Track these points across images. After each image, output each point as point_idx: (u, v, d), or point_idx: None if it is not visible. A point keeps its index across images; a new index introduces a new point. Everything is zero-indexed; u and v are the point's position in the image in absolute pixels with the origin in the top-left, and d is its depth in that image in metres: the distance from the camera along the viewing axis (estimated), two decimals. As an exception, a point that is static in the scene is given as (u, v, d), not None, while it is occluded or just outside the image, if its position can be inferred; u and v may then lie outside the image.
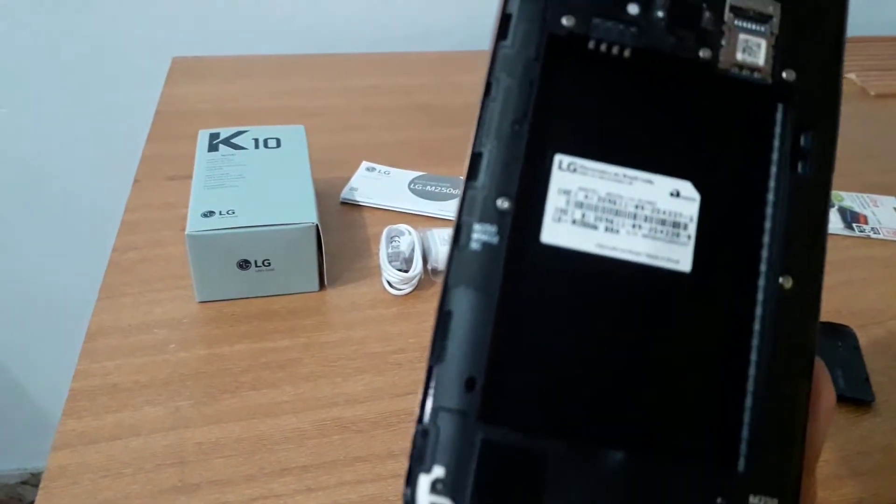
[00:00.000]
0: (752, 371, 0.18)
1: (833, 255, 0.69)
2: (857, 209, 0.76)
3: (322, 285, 0.60)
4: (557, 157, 0.18)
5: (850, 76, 1.08)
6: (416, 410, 0.17)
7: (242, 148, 0.64)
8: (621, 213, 0.18)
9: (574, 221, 0.18)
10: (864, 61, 1.12)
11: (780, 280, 0.19)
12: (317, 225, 0.56)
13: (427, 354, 0.17)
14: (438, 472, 0.16)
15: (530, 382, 0.17)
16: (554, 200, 0.18)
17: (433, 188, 0.73)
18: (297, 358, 0.54)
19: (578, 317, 0.18)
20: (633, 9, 0.19)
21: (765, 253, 0.19)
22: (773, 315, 0.18)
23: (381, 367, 0.54)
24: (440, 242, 0.63)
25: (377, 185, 0.74)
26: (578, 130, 0.19)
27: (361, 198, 0.72)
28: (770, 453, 0.18)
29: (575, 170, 0.18)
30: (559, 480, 0.16)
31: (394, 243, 0.63)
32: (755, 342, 0.18)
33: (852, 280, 0.67)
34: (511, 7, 0.19)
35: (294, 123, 0.82)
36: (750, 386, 0.18)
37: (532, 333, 0.17)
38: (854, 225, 0.74)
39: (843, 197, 0.78)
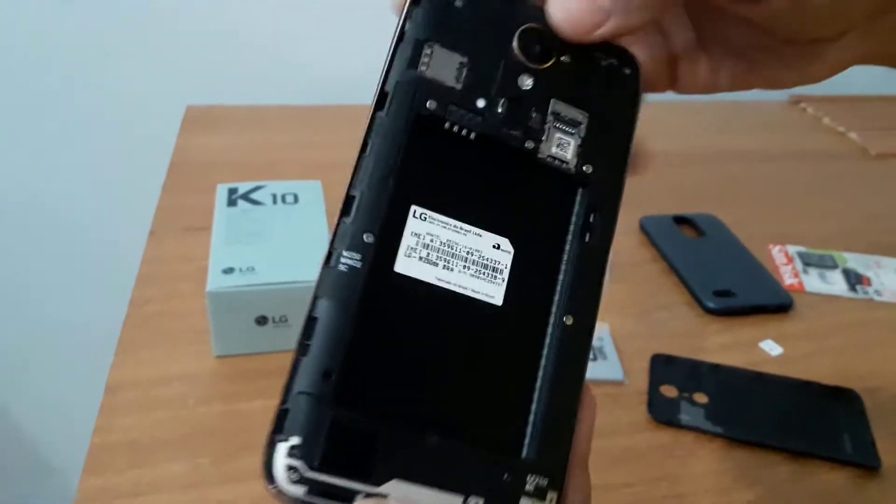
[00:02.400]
0: (538, 384, 0.23)
1: (837, 318, 0.71)
2: (860, 271, 0.78)
3: (337, 341, 0.61)
4: (413, 207, 0.23)
5: (851, 135, 1.11)
6: (281, 395, 0.21)
7: (261, 203, 0.66)
8: (456, 256, 0.24)
9: (420, 258, 0.23)
10: (864, 121, 1.14)
11: (565, 318, 0.24)
12: (334, 283, 0.58)
13: (294, 349, 0.21)
14: (295, 440, 0.20)
15: (374, 378, 0.22)
16: (407, 240, 0.23)
17: (445, 243, 0.74)
18: (313, 415, 0.54)
19: (417, 330, 0.23)
20: (480, 103, 0.24)
21: (556, 298, 0.24)
22: (558, 343, 0.24)
23: (396, 426, 0.54)
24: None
25: (390, 240, 0.75)
26: (431, 189, 0.24)
27: (374, 252, 0.73)
28: (545, 446, 0.23)
29: (425, 219, 0.23)
30: (389, 453, 0.21)
31: (407, 299, 0.64)
32: (543, 362, 0.24)
33: (857, 344, 0.68)
34: (389, 86, 0.24)
35: (309, 175, 0.83)
36: (536, 395, 0.23)
37: (379, 340, 0.22)
38: (858, 287, 0.75)
39: (847, 258, 0.80)
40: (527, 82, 0.25)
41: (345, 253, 0.22)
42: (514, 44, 0.25)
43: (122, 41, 1.00)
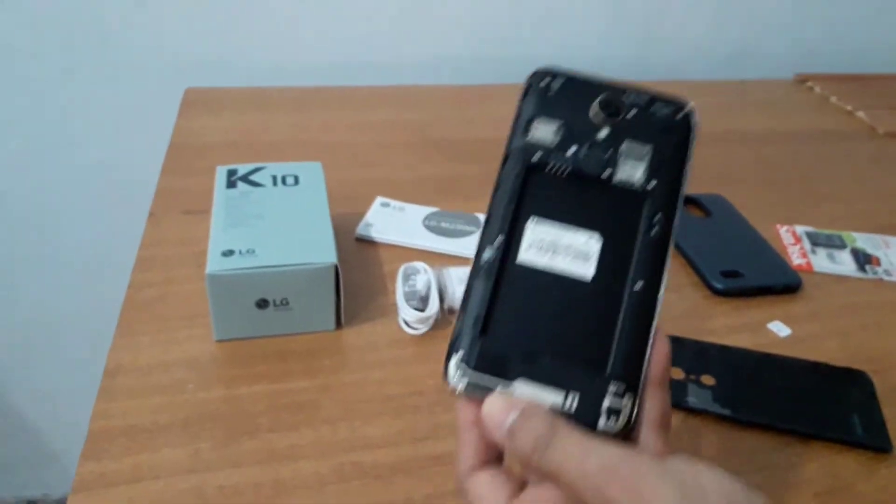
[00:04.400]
0: (618, 328, 0.33)
1: (846, 299, 0.70)
2: (869, 251, 0.77)
3: (339, 324, 0.61)
4: (529, 220, 0.35)
5: (859, 114, 1.09)
6: (452, 330, 0.34)
7: (261, 185, 0.65)
8: (559, 248, 0.35)
9: (535, 251, 0.35)
10: (872, 99, 1.13)
11: (637, 285, 0.34)
12: (336, 265, 0.57)
13: (459, 306, 0.34)
14: (460, 354, 0.33)
15: (507, 321, 0.34)
16: (526, 240, 0.35)
17: (448, 225, 0.74)
18: (315, 399, 0.54)
19: (534, 294, 0.34)
20: (570, 152, 0.36)
21: (631, 271, 0.34)
22: (632, 301, 0.34)
23: (399, 409, 0.54)
24: (457, 281, 0.63)
25: (392, 221, 0.74)
26: (541, 207, 0.35)
27: (376, 234, 0.72)
28: (624, 366, 0.33)
29: (538, 227, 0.35)
30: (516, 364, 0.33)
31: (410, 282, 0.63)
32: (622, 313, 0.34)
33: (866, 324, 0.67)
34: (509, 150, 0.36)
35: (308, 157, 0.83)
36: (617, 335, 0.33)
37: (510, 299, 0.34)
38: (867, 266, 0.74)
39: (856, 238, 0.78)
40: (603, 133, 0.36)
41: (486, 250, 0.34)
42: (593, 109, 0.36)
43: (120, 23, 0.98)
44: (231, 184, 0.65)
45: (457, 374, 0.33)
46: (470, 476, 0.33)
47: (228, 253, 0.56)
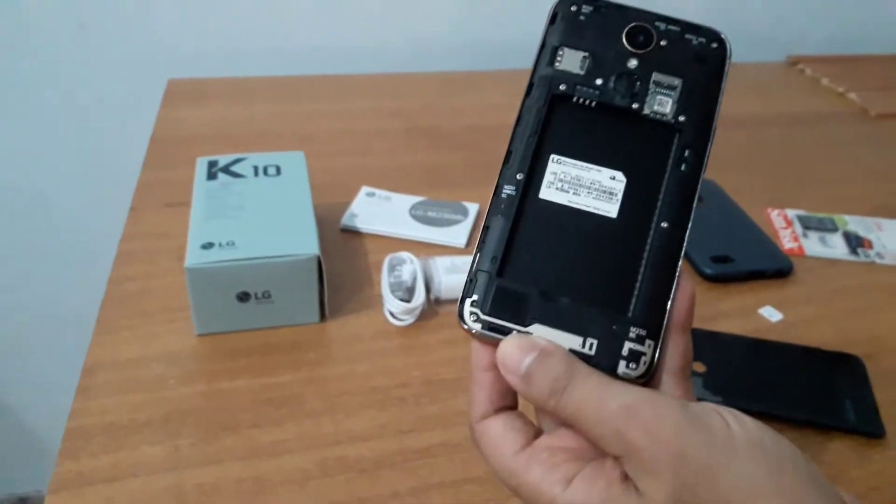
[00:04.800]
0: (641, 269, 0.32)
1: (838, 282, 0.69)
2: (861, 233, 0.76)
3: (323, 316, 0.59)
4: (552, 155, 0.34)
5: (851, 96, 1.08)
6: (468, 267, 0.32)
7: (242, 176, 0.63)
8: (582, 185, 0.33)
9: (557, 188, 0.33)
10: (864, 81, 1.11)
11: (663, 224, 0.32)
12: (318, 256, 0.56)
13: (475, 246, 0.33)
14: (475, 297, 0.32)
15: (524, 261, 0.32)
16: (548, 177, 0.33)
17: (435, 214, 0.72)
18: (298, 393, 0.53)
19: (554, 232, 0.33)
20: (598, 82, 0.34)
21: (657, 210, 0.33)
22: (658, 241, 0.32)
23: (384, 402, 0.53)
24: (443, 271, 0.62)
25: (378, 211, 0.73)
26: (565, 141, 0.34)
27: (362, 224, 0.71)
28: (646, 310, 0.31)
29: (560, 162, 0.34)
30: (533, 307, 0.31)
31: (395, 272, 0.62)
32: (646, 254, 0.32)
33: (858, 308, 0.66)
34: (534, 80, 0.34)
35: (293, 147, 0.81)
36: (640, 277, 0.32)
37: (529, 238, 0.33)
38: (859, 250, 0.73)
39: (848, 221, 0.77)
40: (633, 63, 0.34)
41: (505, 186, 0.33)
42: (623, 38, 0.34)
43: (102, 14, 0.97)
44: (212, 175, 0.63)
45: (471, 318, 0.32)
46: (483, 423, 0.32)
47: (208, 245, 0.55)
